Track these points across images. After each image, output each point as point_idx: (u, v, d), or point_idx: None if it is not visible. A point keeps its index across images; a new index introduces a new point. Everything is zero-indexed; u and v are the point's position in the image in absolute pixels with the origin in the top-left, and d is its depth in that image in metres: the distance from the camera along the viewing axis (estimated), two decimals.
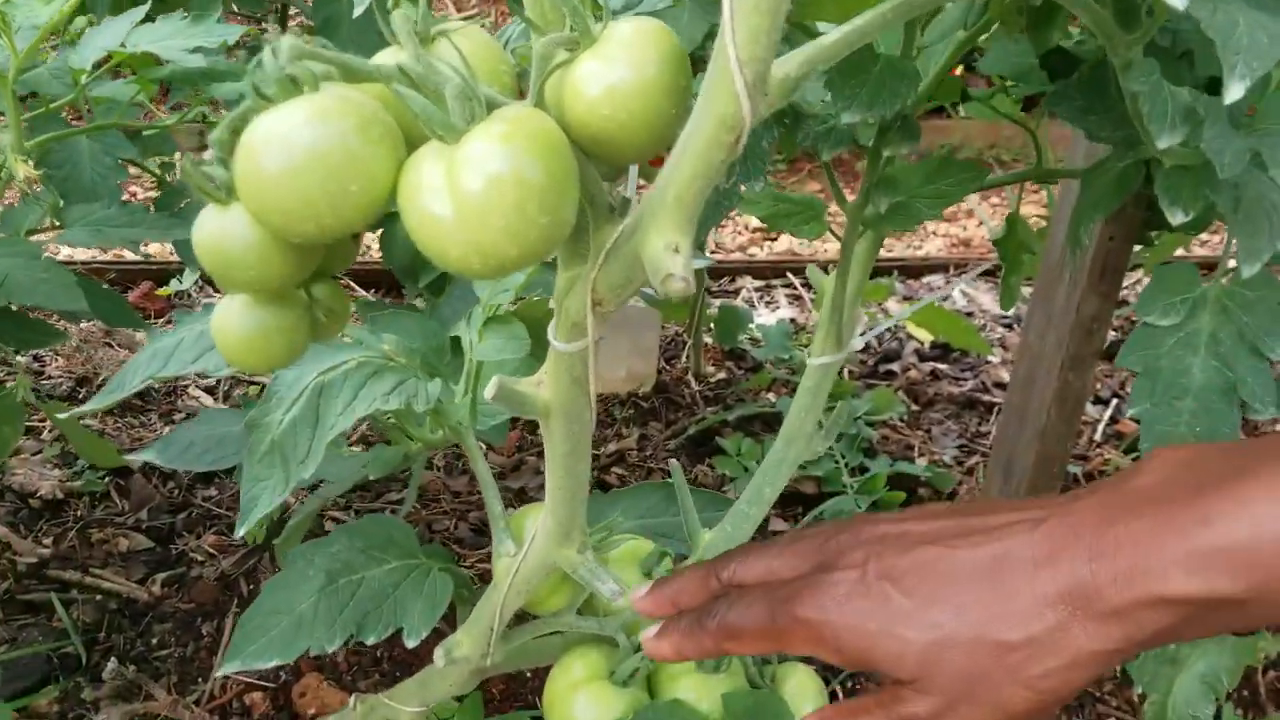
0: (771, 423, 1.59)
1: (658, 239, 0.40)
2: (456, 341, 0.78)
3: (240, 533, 0.65)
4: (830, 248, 2.16)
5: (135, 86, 0.90)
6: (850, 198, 0.69)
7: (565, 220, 0.38)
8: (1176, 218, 0.51)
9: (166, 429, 1.67)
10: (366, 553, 0.78)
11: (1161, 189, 0.52)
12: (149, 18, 0.88)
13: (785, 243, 2.42)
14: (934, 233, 2.57)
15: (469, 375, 0.68)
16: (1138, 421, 0.62)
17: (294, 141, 0.36)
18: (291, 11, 1.38)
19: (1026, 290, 1.82)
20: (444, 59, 0.41)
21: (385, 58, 0.43)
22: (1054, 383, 1.10)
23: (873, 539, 0.46)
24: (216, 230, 0.40)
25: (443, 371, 0.75)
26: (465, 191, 0.36)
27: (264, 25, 1.57)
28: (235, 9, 1.35)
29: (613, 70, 0.40)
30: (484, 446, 1.55)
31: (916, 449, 1.55)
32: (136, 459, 0.83)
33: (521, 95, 0.43)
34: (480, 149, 0.36)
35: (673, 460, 0.80)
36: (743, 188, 0.60)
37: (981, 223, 2.57)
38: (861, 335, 0.80)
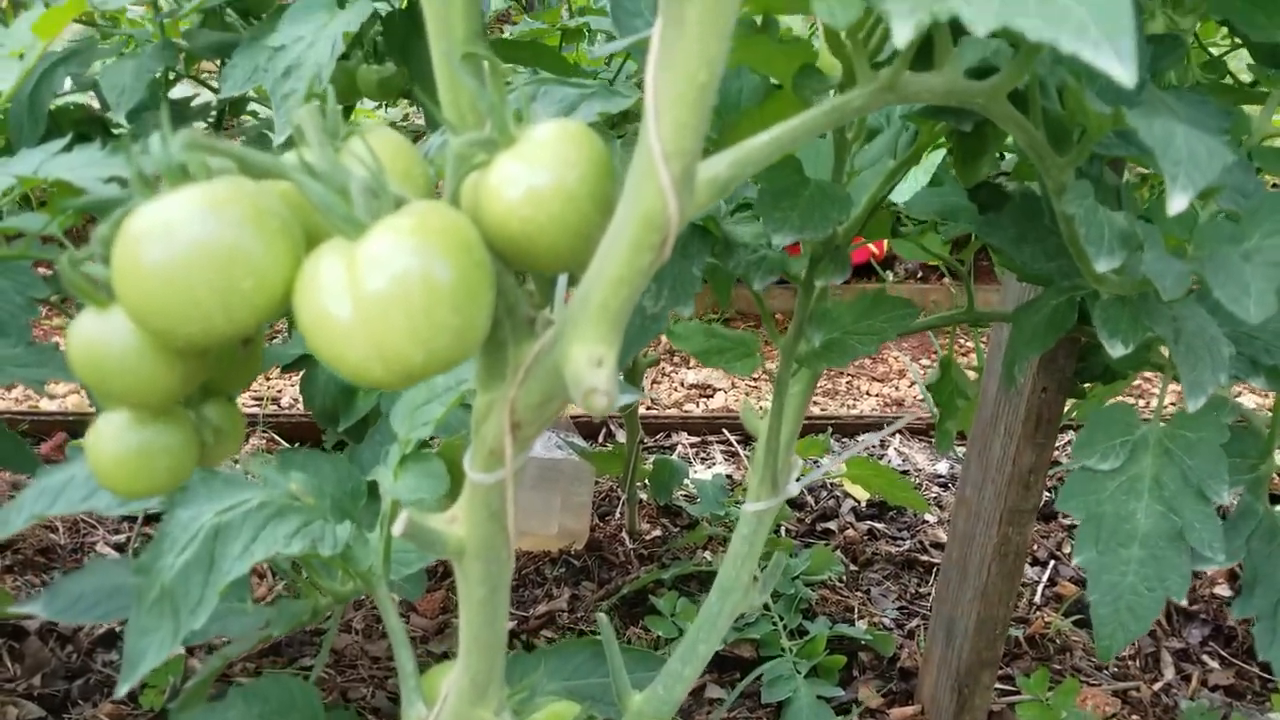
0: (707, 581, 1.53)
1: (580, 350, 0.37)
2: (374, 486, 0.74)
3: (122, 691, 0.59)
4: (765, 406, 2.16)
5: (46, 216, 0.87)
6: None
7: (478, 324, 0.35)
8: (1116, 350, 0.50)
9: None
10: (265, 718, 0.72)
11: (1100, 320, 0.50)
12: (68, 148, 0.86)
13: (721, 399, 2.41)
14: (867, 393, 2.58)
15: (384, 518, 0.64)
16: (1082, 583, 0.59)
17: (179, 231, 0.33)
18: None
19: (960, 449, 1.81)
20: (354, 158, 0.39)
21: (291, 159, 0.41)
22: (993, 538, 1.07)
23: None
24: (93, 334, 0.37)
25: (356, 516, 0.70)
26: (366, 288, 0.33)
27: None
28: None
29: (533, 171, 0.38)
30: (404, 607, 1.47)
31: (856, 610, 1.51)
32: (22, 610, 0.76)
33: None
34: (384, 242, 0.33)
35: (600, 614, 0.75)
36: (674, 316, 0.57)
37: (914, 383, 2.59)
38: (798, 480, 0.77)
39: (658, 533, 1.70)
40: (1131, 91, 0.45)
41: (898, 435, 2.18)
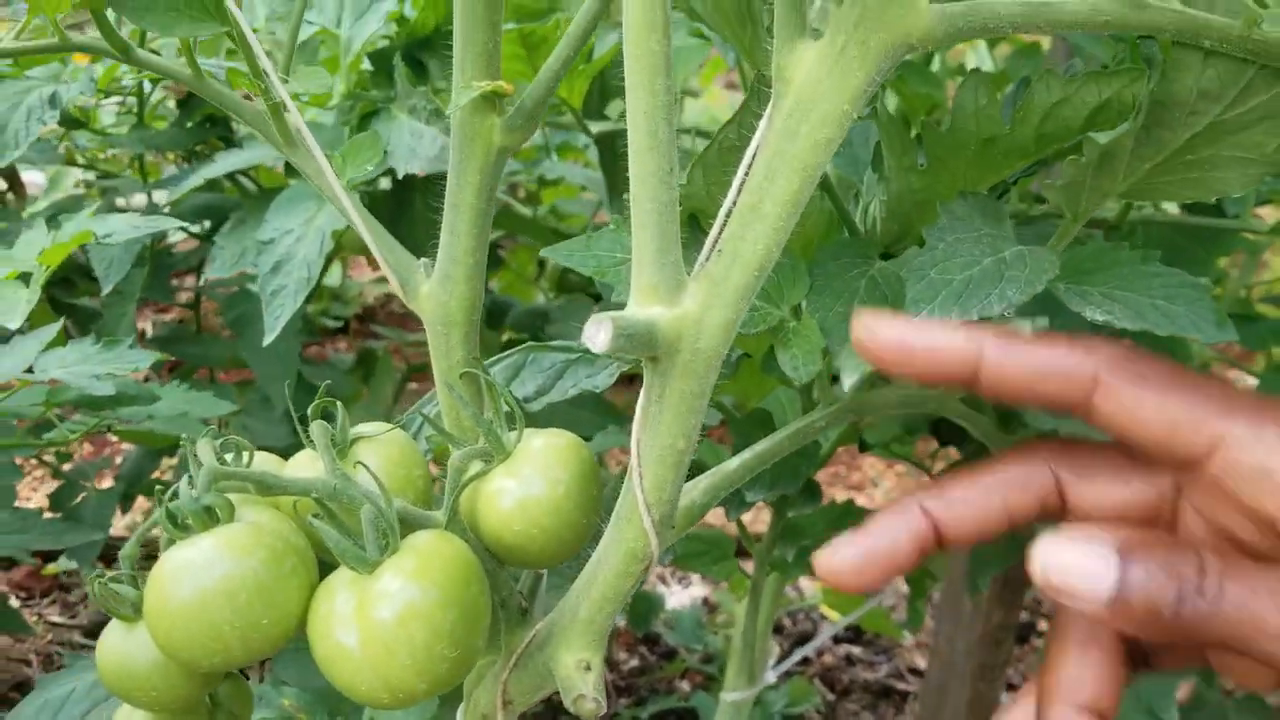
0: (684, 718, 1.55)
1: (569, 656, 0.40)
2: None
3: None
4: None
5: (41, 403, 0.89)
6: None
7: (475, 650, 0.38)
8: None
9: None
10: None
11: None
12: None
13: None
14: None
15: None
16: None
17: (206, 578, 0.36)
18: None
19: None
20: (363, 460, 0.42)
21: (304, 462, 0.44)
22: (966, 693, 1.10)
23: None
24: (121, 650, 0.40)
25: (345, 713, 0.72)
26: (375, 629, 0.36)
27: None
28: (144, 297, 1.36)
29: (525, 487, 0.41)
30: None
31: None
32: None
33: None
34: (390, 585, 0.36)
35: None
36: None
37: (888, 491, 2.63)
38: (774, 668, 0.80)
39: (635, 662, 1.71)
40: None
41: None
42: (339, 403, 0.44)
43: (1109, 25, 0.30)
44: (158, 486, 0.38)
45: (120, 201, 1.40)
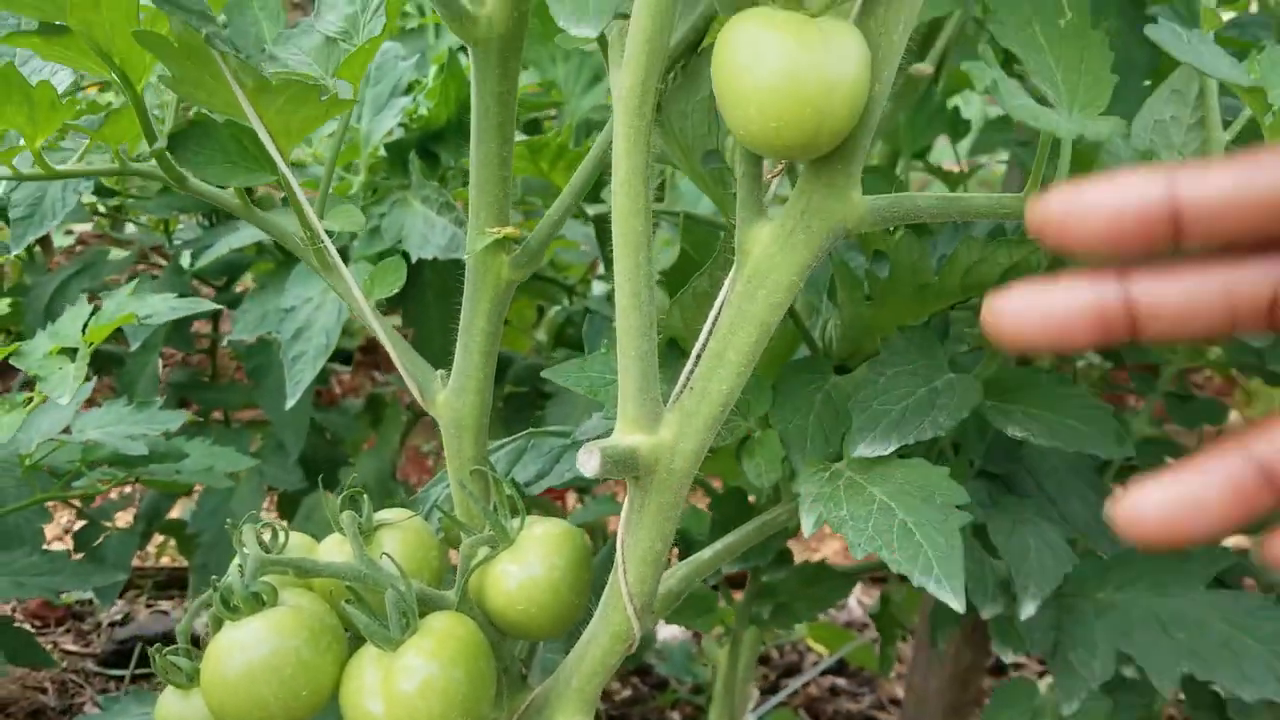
0: None
1: None
2: None
3: None
4: None
5: (78, 459, 0.95)
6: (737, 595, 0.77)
7: (483, 716, 0.44)
8: (1007, 656, 0.60)
9: None
10: None
11: (993, 631, 0.61)
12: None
13: None
14: (829, 534, 2.67)
15: None
16: None
17: (255, 656, 0.43)
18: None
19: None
20: (386, 546, 0.49)
21: (333, 547, 0.51)
22: None
23: None
24: (178, 714, 0.46)
25: None
26: (399, 700, 0.42)
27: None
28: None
29: (527, 571, 0.48)
30: None
31: None
32: None
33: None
34: (412, 662, 0.43)
35: None
36: None
37: None
38: (754, 711, 0.87)
39: (628, 693, 1.77)
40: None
41: (859, 584, 2.27)
42: (365, 495, 0.50)
43: (1009, 215, 0.37)
44: (213, 580, 0.45)
45: (129, 228, 1.46)
